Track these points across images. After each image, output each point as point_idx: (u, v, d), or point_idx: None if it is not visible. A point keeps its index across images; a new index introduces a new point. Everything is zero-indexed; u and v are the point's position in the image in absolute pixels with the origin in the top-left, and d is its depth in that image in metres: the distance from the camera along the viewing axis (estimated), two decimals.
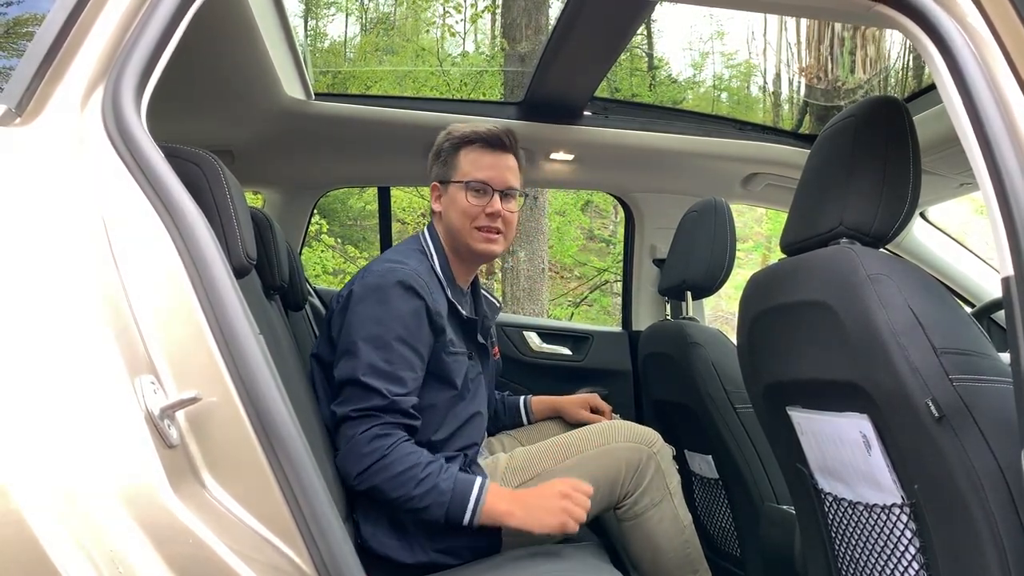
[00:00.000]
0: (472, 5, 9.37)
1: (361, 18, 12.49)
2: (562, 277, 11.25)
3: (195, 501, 0.86)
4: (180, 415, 0.90)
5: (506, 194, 1.76)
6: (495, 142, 1.77)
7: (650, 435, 1.79)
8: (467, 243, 1.75)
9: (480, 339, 1.83)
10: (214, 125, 2.35)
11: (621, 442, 1.75)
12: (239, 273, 1.16)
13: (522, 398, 2.10)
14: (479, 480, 1.54)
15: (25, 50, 1.12)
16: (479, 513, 1.50)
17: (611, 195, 3.09)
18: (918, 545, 1.21)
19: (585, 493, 1.53)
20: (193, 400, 0.89)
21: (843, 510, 1.37)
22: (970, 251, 2.76)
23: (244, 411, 0.91)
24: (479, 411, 1.78)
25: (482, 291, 1.94)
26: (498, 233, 1.75)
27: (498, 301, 2.02)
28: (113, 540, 0.79)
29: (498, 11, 8.68)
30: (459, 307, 1.73)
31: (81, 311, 0.89)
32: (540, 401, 2.10)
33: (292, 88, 2.22)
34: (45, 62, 0.99)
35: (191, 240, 0.96)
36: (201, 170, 1.20)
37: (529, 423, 2.08)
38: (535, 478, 1.69)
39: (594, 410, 2.05)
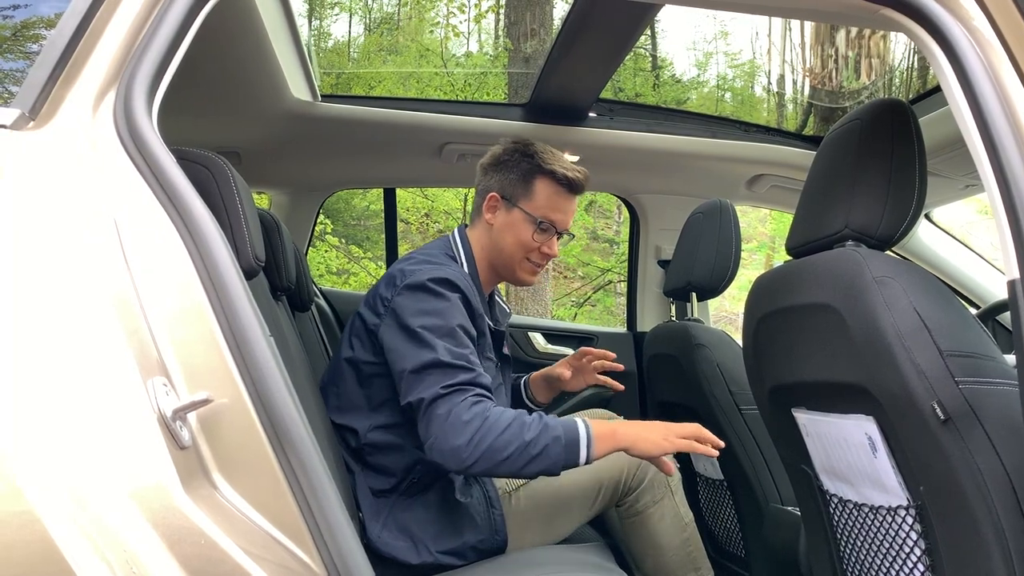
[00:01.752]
0: (476, 5, 9.37)
1: (365, 18, 12.50)
2: (565, 277, 11.25)
3: (207, 502, 0.86)
4: (192, 416, 0.91)
5: (561, 234, 1.80)
6: (576, 186, 1.77)
7: None
8: (513, 270, 1.77)
9: (506, 350, 1.83)
10: (221, 127, 2.36)
11: None
12: (248, 274, 1.17)
13: (522, 380, 2.07)
14: (576, 416, 1.52)
15: (29, 52, 1.14)
16: (593, 440, 1.46)
17: (616, 196, 3.10)
18: (923, 547, 1.21)
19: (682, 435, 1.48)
20: (204, 402, 0.89)
21: (848, 512, 1.38)
22: (975, 253, 2.76)
23: (255, 412, 0.92)
24: None
25: (496, 298, 1.93)
26: (542, 266, 1.80)
27: (508, 307, 2.02)
28: (127, 540, 0.80)
29: (502, 11, 8.68)
30: (487, 317, 1.72)
31: (94, 313, 0.89)
32: (534, 378, 2.06)
33: (298, 90, 2.23)
34: (58, 67, 1.00)
35: (201, 242, 0.96)
36: (210, 172, 1.21)
37: (531, 402, 2.05)
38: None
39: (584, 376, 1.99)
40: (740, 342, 1.68)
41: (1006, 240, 0.98)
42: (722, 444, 1.47)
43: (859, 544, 1.37)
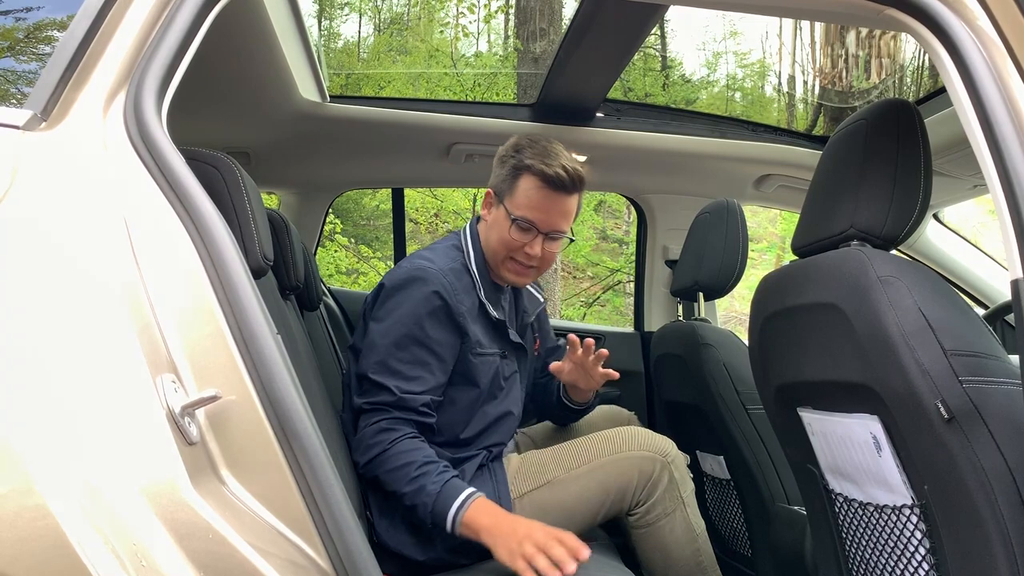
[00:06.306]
0: (486, 5, 9.39)
1: (375, 18, 12.53)
2: (575, 277, 11.25)
3: (215, 497, 0.87)
4: (200, 413, 0.92)
5: (551, 236, 1.70)
6: (557, 184, 1.65)
7: (664, 444, 1.74)
8: (497, 267, 1.73)
9: (514, 338, 1.78)
10: (231, 127, 2.38)
11: (635, 450, 1.71)
12: (256, 274, 1.18)
13: (555, 384, 1.95)
14: (467, 491, 1.50)
15: (41, 53, 1.15)
16: (459, 523, 1.48)
17: (623, 196, 3.10)
18: (928, 546, 1.21)
19: (564, 549, 1.39)
20: (213, 399, 0.91)
21: (853, 511, 1.38)
22: (984, 252, 2.75)
23: (262, 409, 0.93)
24: (510, 411, 1.77)
25: (529, 287, 1.88)
26: (531, 268, 1.72)
27: (542, 295, 1.96)
28: (136, 535, 0.81)
29: (511, 11, 8.70)
30: (490, 308, 1.71)
31: (104, 311, 0.91)
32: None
33: (307, 90, 2.24)
34: (69, 69, 1.02)
35: (210, 241, 0.98)
36: (219, 172, 1.22)
37: (571, 402, 1.92)
38: (546, 485, 1.69)
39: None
40: (747, 341, 1.68)
41: (1009, 239, 0.98)
42: (576, 564, 1.36)
43: (864, 543, 1.37)
